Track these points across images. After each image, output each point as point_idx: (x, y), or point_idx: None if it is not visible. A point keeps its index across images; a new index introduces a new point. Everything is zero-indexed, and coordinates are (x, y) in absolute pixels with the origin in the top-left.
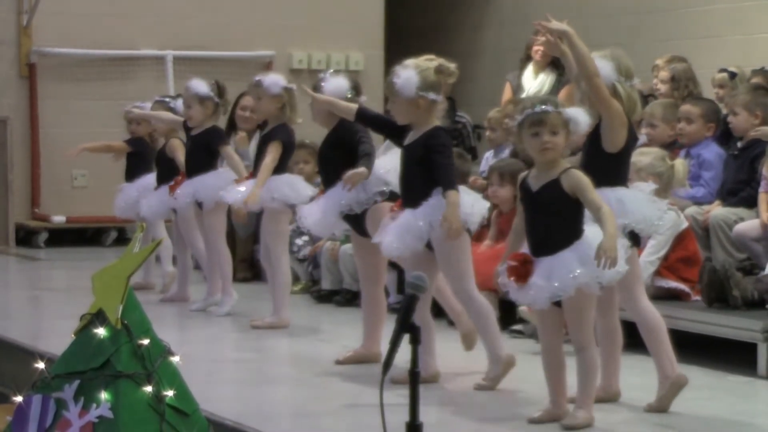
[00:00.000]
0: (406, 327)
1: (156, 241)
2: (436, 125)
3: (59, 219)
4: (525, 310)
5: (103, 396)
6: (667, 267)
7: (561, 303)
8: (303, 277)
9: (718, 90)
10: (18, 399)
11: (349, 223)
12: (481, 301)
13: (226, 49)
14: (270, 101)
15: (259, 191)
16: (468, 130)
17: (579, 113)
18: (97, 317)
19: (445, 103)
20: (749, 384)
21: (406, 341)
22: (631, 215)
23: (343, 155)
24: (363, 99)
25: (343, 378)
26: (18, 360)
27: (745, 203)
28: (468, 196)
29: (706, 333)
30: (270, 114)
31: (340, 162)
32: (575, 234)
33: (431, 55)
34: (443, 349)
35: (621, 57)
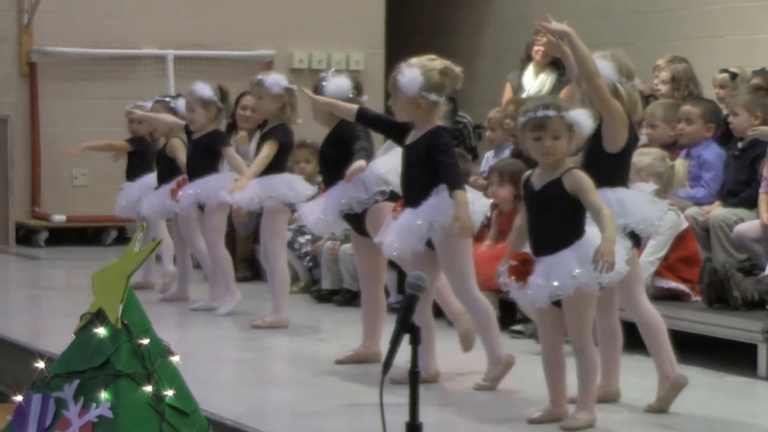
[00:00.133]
0: (406, 327)
1: (156, 241)
2: (438, 125)
3: (59, 218)
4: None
5: (103, 395)
6: (667, 267)
7: (561, 303)
8: (303, 276)
9: (718, 90)
10: (18, 398)
11: (349, 223)
12: (482, 301)
13: (226, 49)
14: (271, 101)
15: (246, 183)
16: (469, 130)
17: (582, 116)
18: (97, 317)
19: (448, 105)
20: (749, 385)
21: (406, 341)
22: (631, 216)
23: (344, 154)
24: (364, 99)
25: (343, 378)
26: (18, 359)
27: (746, 204)
28: (468, 194)
29: (706, 333)
30: (270, 114)
31: (340, 161)
32: (576, 234)
33: (433, 55)
34: (443, 349)
35: (622, 57)
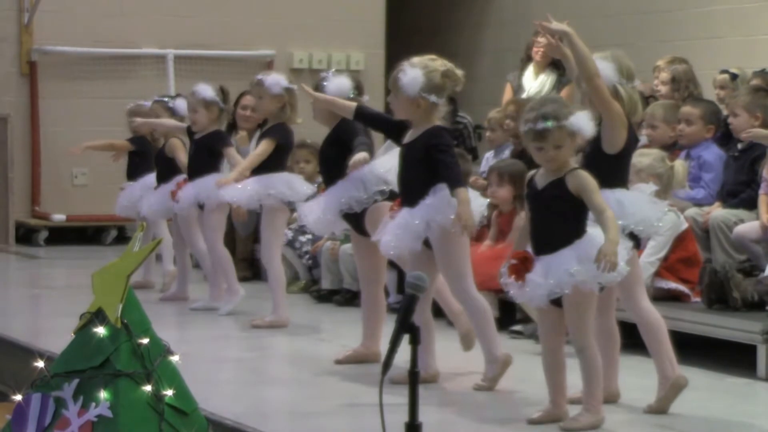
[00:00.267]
0: (405, 327)
1: (156, 240)
2: (436, 125)
3: (59, 217)
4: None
5: (103, 395)
6: (667, 268)
7: (562, 303)
8: (303, 276)
9: (719, 91)
10: (17, 397)
11: (349, 223)
12: (479, 301)
13: (227, 48)
14: (271, 101)
15: (236, 177)
16: (469, 130)
17: (583, 121)
18: (97, 316)
19: (447, 106)
20: (749, 385)
21: (405, 341)
22: (631, 217)
23: (344, 154)
24: (365, 99)
25: (343, 378)
26: (17, 358)
27: (745, 205)
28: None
29: (705, 334)
30: (270, 113)
31: (340, 160)
32: (576, 233)
33: (433, 55)
34: (443, 349)
35: (622, 58)
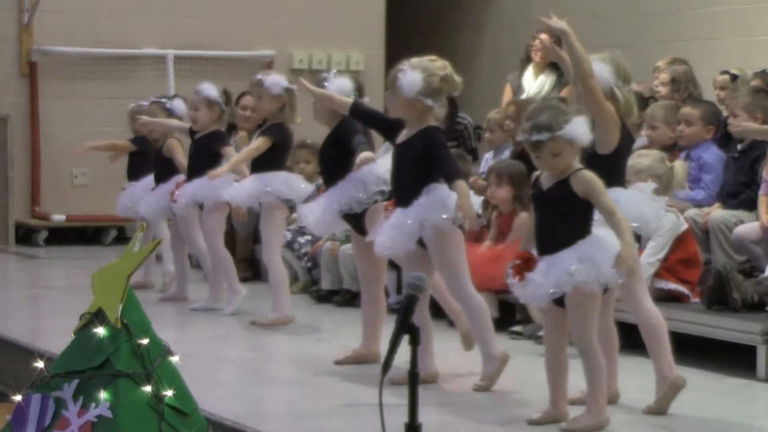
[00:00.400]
0: (405, 327)
1: (156, 240)
2: (430, 124)
3: (59, 217)
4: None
5: (103, 395)
6: (667, 269)
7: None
8: (302, 277)
9: (719, 92)
10: (17, 398)
11: (350, 223)
12: (476, 299)
13: (226, 49)
14: (270, 101)
15: (227, 170)
16: (469, 131)
17: (578, 129)
18: (97, 316)
19: (446, 109)
20: (748, 386)
21: (405, 342)
22: (628, 215)
23: (344, 154)
24: (366, 100)
25: (343, 378)
26: (17, 359)
27: (745, 206)
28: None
29: (705, 335)
30: (269, 113)
31: (341, 161)
32: (580, 234)
33: (433, 56)
34: (442, 350)
35: (620, 61)
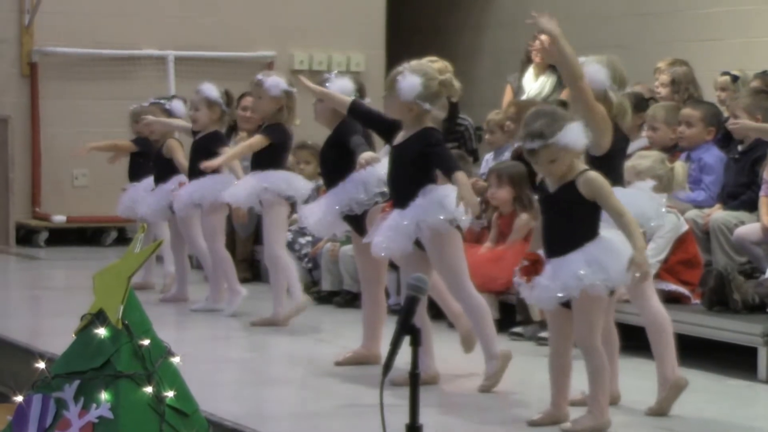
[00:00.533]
0: (406, 328)
1: (157, 242)
2: (426, 126)
3: (60, 218)
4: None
5: (103, 396)
6: (667, 270)
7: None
8: (303, 278)
9: (719, 93)
10: (18, 399)
11: (350, 224)
12: (476, 298)
13: (227, 50)
14: (269, 102)
15: (222, 162)
16: (470, 132)
17: (572, 136)
18: (98, 317)
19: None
20: (749, 388)
21: (406, 343)
22: None
23: (345, 155)
24: (367, 101)
25: (343, 379)
26: (18, 359)
27: (746, 207)
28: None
29: (706, 336)
30: (267, 114)
31: (341, 162)
32: (587, 236)
33: (434, 57)
34: (442, 351)
35: (616, 64)
